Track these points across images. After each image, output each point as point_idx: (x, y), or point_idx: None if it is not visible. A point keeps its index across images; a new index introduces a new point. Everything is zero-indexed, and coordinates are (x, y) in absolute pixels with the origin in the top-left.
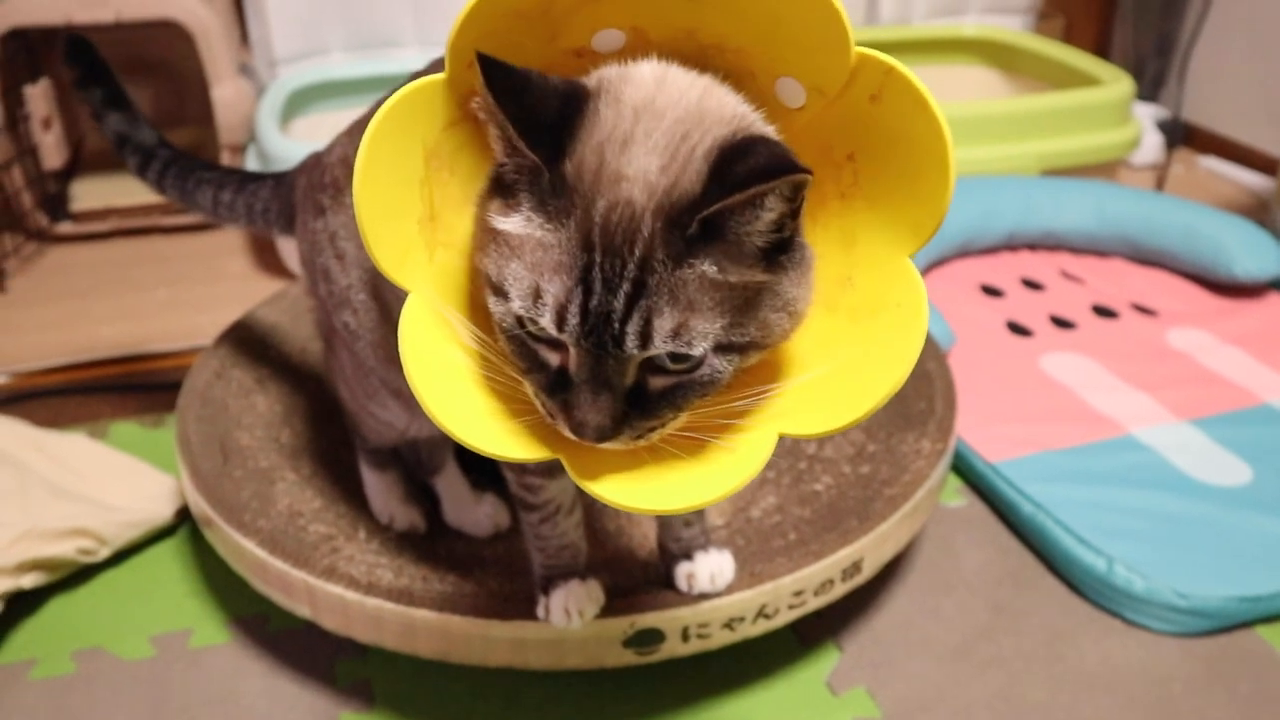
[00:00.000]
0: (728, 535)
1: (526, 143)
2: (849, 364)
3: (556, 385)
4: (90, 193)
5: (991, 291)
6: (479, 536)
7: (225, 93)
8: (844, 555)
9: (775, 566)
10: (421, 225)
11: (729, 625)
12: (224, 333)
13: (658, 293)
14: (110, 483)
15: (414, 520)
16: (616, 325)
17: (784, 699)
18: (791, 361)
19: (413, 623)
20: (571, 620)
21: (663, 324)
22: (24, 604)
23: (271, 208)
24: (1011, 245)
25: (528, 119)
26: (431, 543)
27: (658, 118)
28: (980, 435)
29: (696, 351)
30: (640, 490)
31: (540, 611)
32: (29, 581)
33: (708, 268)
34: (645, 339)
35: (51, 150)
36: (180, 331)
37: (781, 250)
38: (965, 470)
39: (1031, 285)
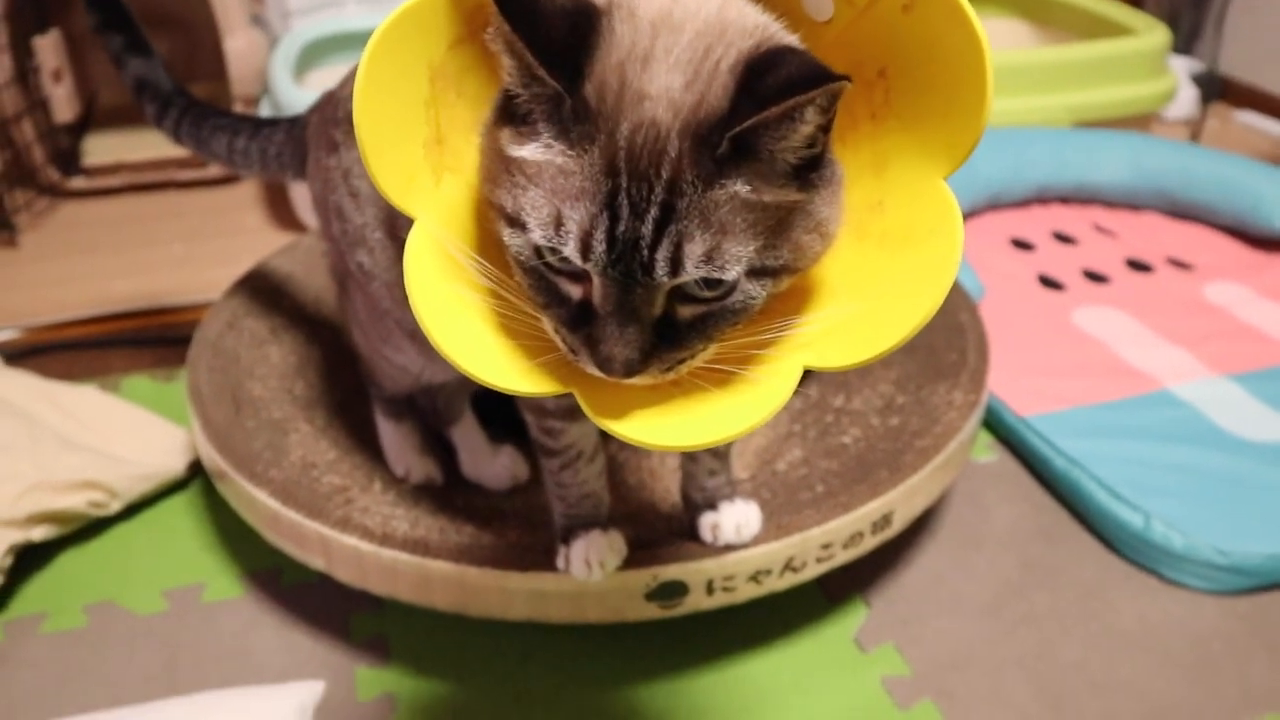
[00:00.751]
0: (753, 488)
1: (547, 70)
2: (878, 293)
3: (579, 319)
4: (103, 147)
5: (1022, 245)
6: (496, 489)
7: (238, 44)
8: (874, 508)
9: (803, 518)
10: (427, 149)
11: (755, 578)
12: (236, 283)
13: (688, 216)
14: (122, 435)
15: (430, 472)
16: (645, 252)
17: (811, 656)
18: (819, 289)
19: (429, 574)
20: (592, 571)
21: (694, 248)
22: (35, 557)
23: (285, 151)
24: (1043, 198)
25: (544, 44)
26: (449, 495)
27: (676, 32)
28: (1011, 389)
29: (729, 276)
30: (660, 426)
31: (560, 562)
32: (39, 534)
33: (740, 187)
34: (676, 265)
35: (62, 103)
36: (194, 286)
37: (813, 168)
38: (996, 425)
39: (1063, 239)
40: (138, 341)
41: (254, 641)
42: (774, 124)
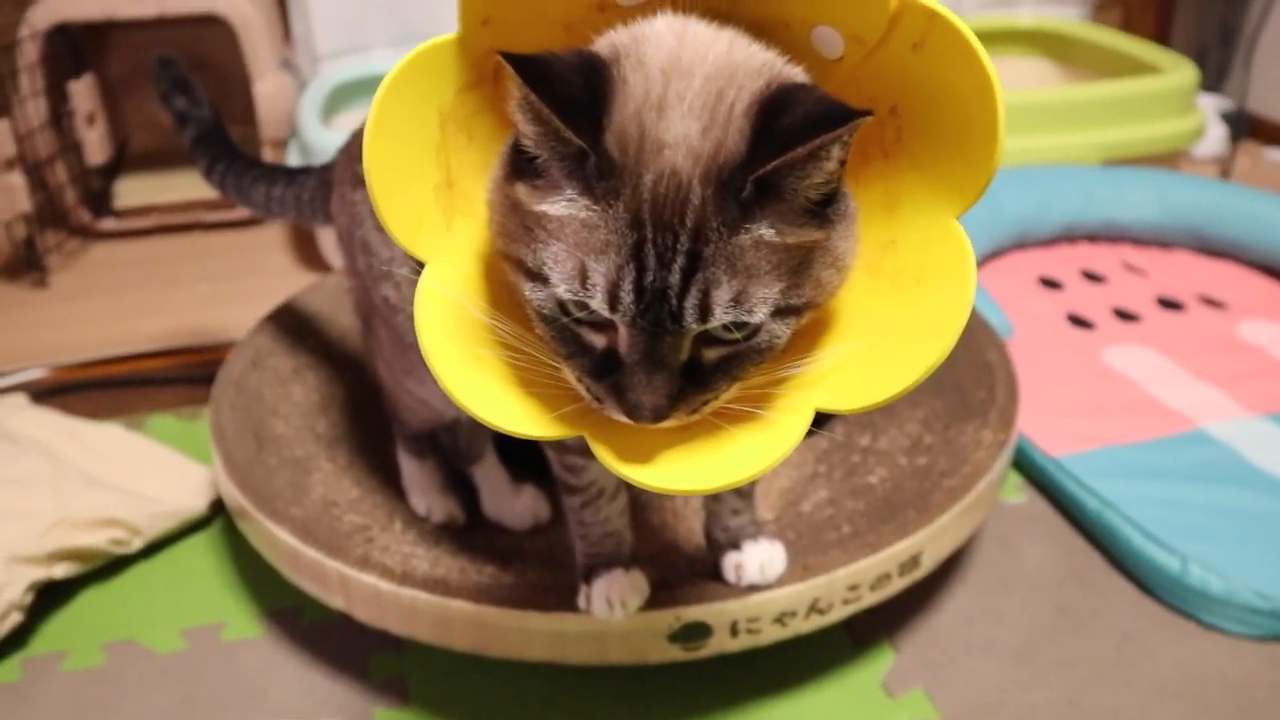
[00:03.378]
0: (778, 529)
1: (573, 130)
2: (891, 334)
3: (603, 368)
4: (134, 190)
5: (1050, 284)
6: (518, 529)
7: (267, 88)
8: (901, 548)
9: (829, 559)
10: (438, 192)
11: (780, 620)
12: (261, 321)
13: (714, 263)
14: (144, 473)
15: (452, 511)
16: (674, 301)
17: (838, 701)
18: (833, 325)
19: (448, 614)
20: (614, 611)
21: (721, 294)
22: (56, 594)
23: (317, 195)
24: (1070, 236)
25: (565, 104)
26: (469, 534)
27: (687, 77)
28: (1041, 429)
29: (756, 319)
30: (675, 470)
31: (581, 601)
32: (60, 571)
33: (764, 231)
34: (705, 312)
35: (95, 146)
36: (219, 325)
37: (829, 203)
38: (1026, 465)
39: (1092, 277)
40: (162, 380)
41: (272, 681)
42: (798, 164)
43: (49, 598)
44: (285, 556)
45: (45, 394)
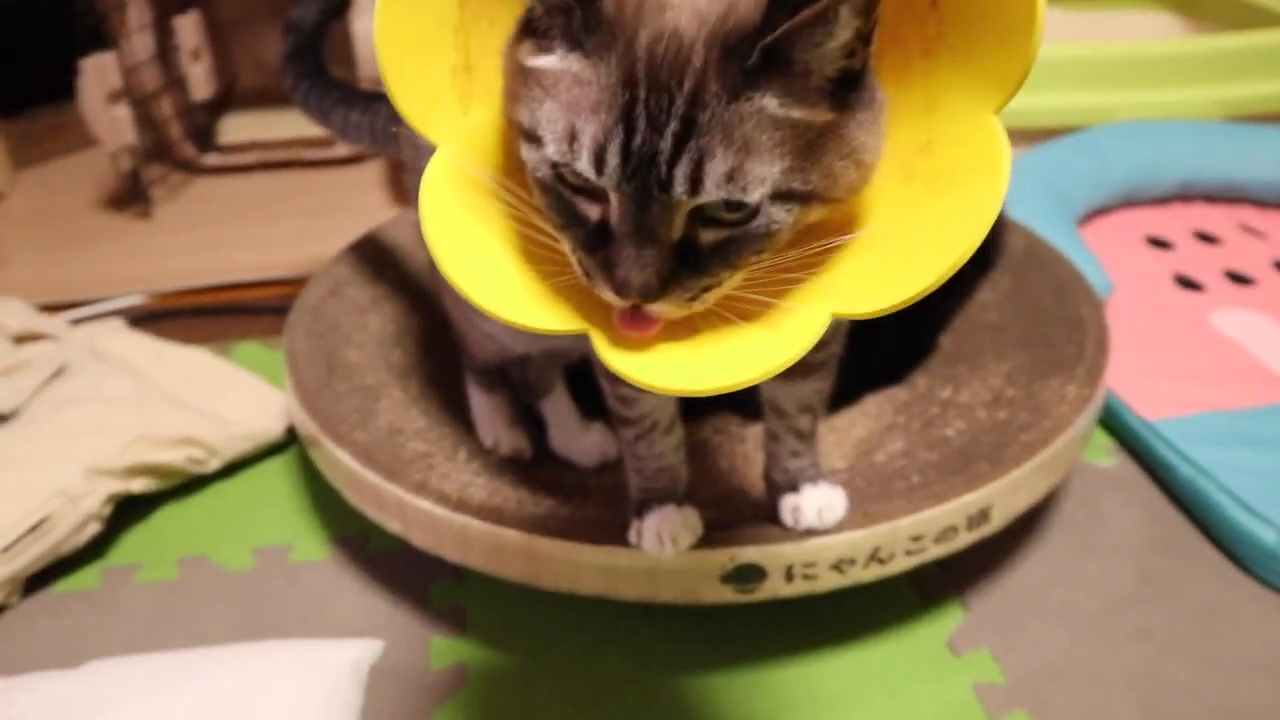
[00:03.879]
0: (849, 478)
1: None
2: (914, 235)
3: (596, 241)
4: (240, 127)
5: (1159, 243)
6: (585, 465)
7: (365, 25)
8: (969, 500)
9: (892, 507)
10: (455, 75)
11: (838, 567)
12: (342, 251)
13: (710, 131)
14: (226, 396)
15: (519, 444)
16: (664, 167)
17: (899, 655)
18: (861, 232)
19: (501, 542)
20: (664, 547)
21: (715, 166)
22: (135, 509)
23: (389, 124)
24: (1185, 195)
25: None
26: (534, 468)
27: None
28: (1136, 391)
29: (752, 198)
30: (669, 369)
31: (632, 535)
32: (139, 486)
33: (768, 102)
34: (696, 183)
35: (199, 82)
36: (312, 259)
37: (850, 86)
38: (1117, 428)
39: (1205, 238)
40: (251, 309)
41: (334, 603)
42: (807, 29)
43: (128, 511)
44: (347, 479)
45: (142, 319)
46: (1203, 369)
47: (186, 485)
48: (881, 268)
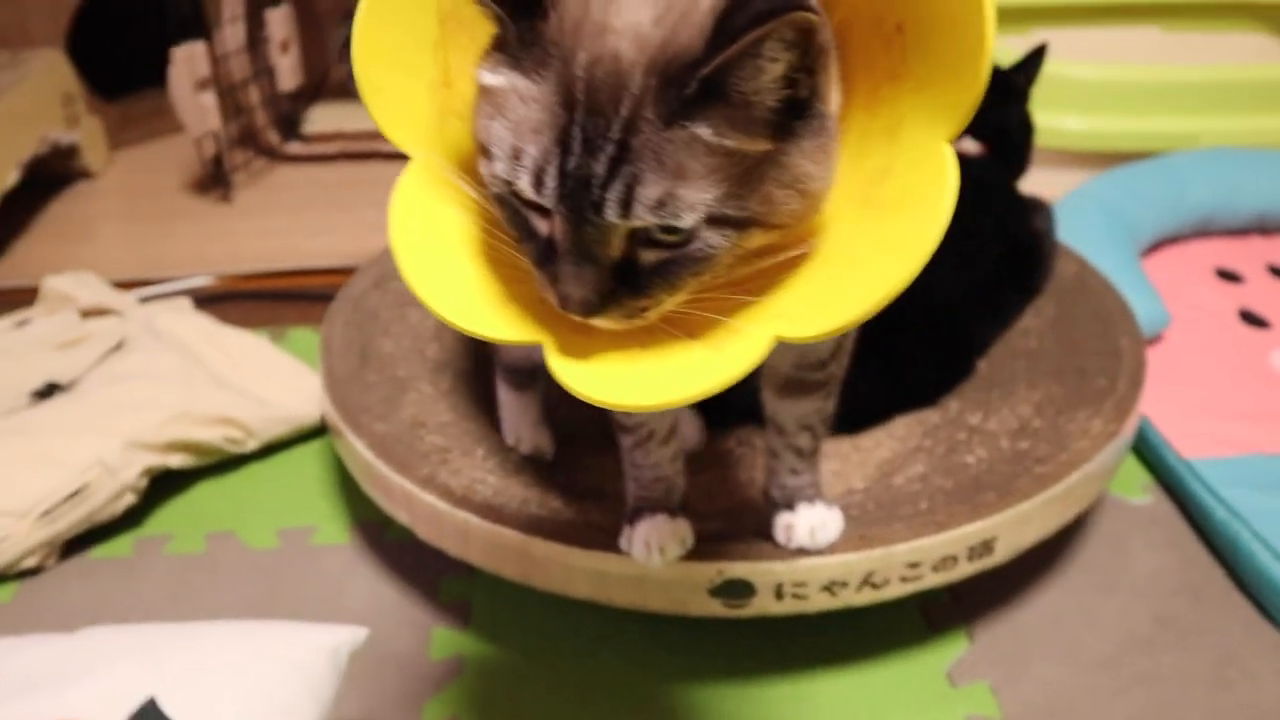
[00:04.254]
0: (863, 499)
1: None
2: (858, 261)
3: (546, 256)
4: (325, 117)
5: (1228, 276)
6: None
7: None
8: (971, 530)
9: (890, 532)
10: (433, 89)
11: (829, 589)
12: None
13: (642, 157)
14: (269, 379)
15: (540, 444)
16: (596, 191)
17: (894, 681)
18: (813, 259)
19: (499, 540)
20: (651, 556)
21: (647, 192)
22: (173, 483)
23: None
24: (1264, 228)
25: None
26: (554, 470)
27: None
28: (1180, 429)
29: (685, 223)
30: (611, 382)
31: (623, 542)
32: (176, 461)
33: (702, 130)
34: (627, 207)
35: (286, 72)
36: (379, 250)
37: (795, 114)
38: (1156, 465)
39: (1279, 273)
40: (311, 296)
41: (347, 587)
42: (739, 62)
43: (167, 485)
44: (361, 468)
45: (208, 300)
46: (1255, 409)
47: (224, 463)
48: (825, 292)
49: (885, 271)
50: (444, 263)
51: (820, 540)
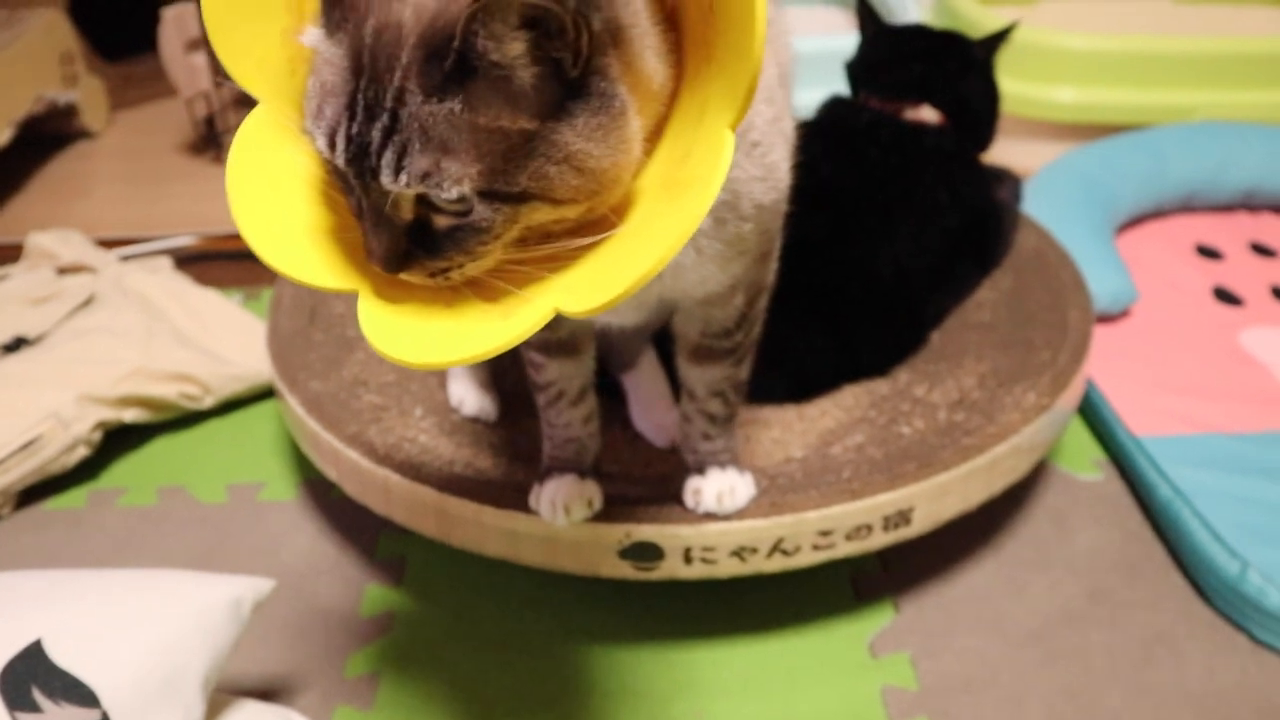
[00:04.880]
0: (796, 468)
1: None
2: (643, 240)
3: (359, 211)
4: None
5: (1208, 253)
6: (656, 444)
7: None
8: (885, 500)
9: (800, 499)
10: (285, 37)
11: (738, 554)
12: None
13: (408, 128)
14: (229, 338)
15: (485, 408)
16: (373, 157)
17: (814, 649)
18: (616, 235)
19: (416, 498)
20: (557, 514)
21: (415, 162)
22: (131, 437)
23: None
24: (1250, 204)
25: None
26: (491, 433)
27: None
28: (1136, 405)
29: (449, 195)
30: (405, 340)
31: (531, 499)
32: (130, 416)
33: (455, 106)
34: (398, 172)
35: None
36: None
37: (570, 93)
38: (1108, 441)
39: (1262, 250)
40: None
41: (288, 542)
42: (470, 39)
43: (124, 439)
44: (295, 424)
45: (188, 260)
46: (1216, 388)
47: (181, 419)
48: (606, 269)
49: (649, 251)
50: (277, 209)
51: (727, 506)
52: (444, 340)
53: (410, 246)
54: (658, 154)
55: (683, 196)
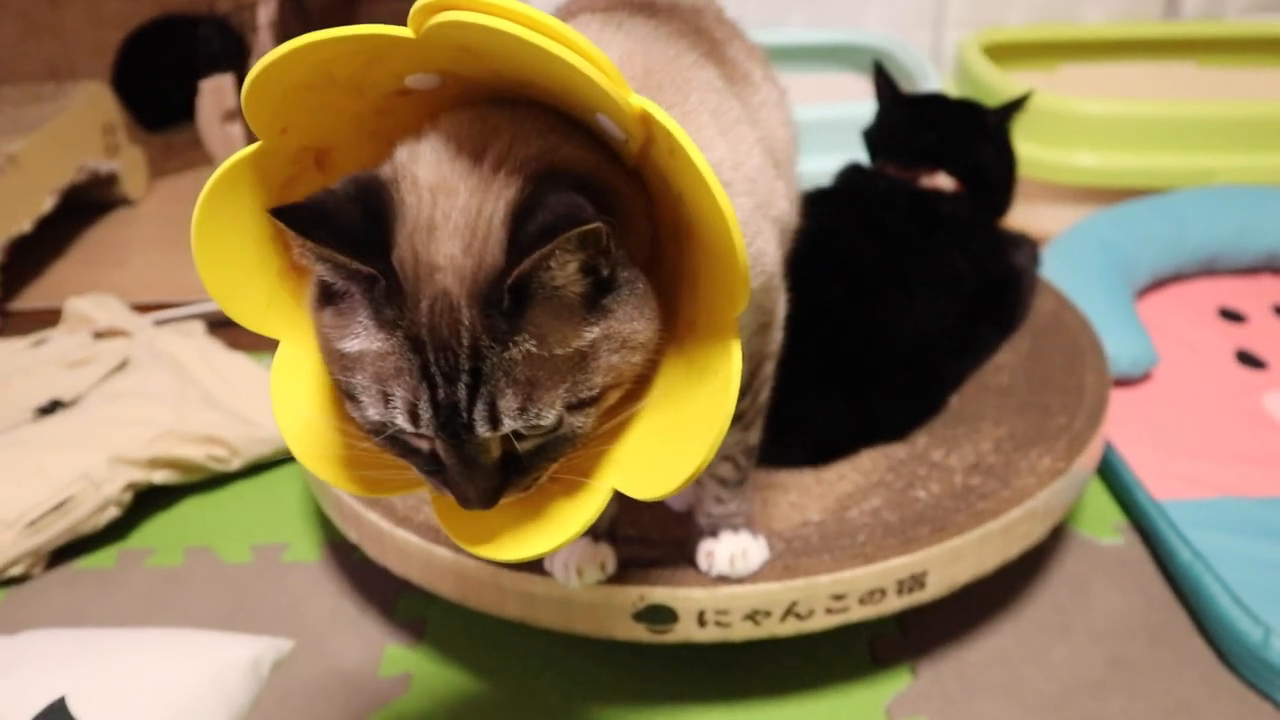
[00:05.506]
0: (812, 532)
1: (360, 261)
2: (680, 417)
3: (434, 467)
4: None
5: (1231, 316)
6: (675, 509)
7: None
8: (899, 564)
9: (814, 563)
10: (283, 276)
11: (752, 617)
12: None
13: (493, 377)
14: (257, 400)
15: None
16: (464, 414)
17: (831, 713)
18: (638, 393)
19: (434, 560)
20: (570, 577)
21: (507, 404)
22: (160, 499)
23: None
24: (1275, 266)
25: (348, 239)
26: None
27: (452, 195)
28: (1156, 469)
29: (547, 420)
30: (482, 534)
31: (545, 562)
32: (160, 478)
33: (529, 344)
34: (494, 422)
35: None
36: None
37: (605, 291)
38: (1129, 505)
39: None
40: None
41: (310, 603)
42: (534, 272)
43: (154, 500)
44: (318, 486)
45: (220, 324)
46: (1239, 451)
47: (209, 481)
48: (652, 448)
49: (691, 448)
50: (328, 438)
51: (740, 569)
52: (522, 532)
53: (504, 478)
54: None
55: (703, 381)
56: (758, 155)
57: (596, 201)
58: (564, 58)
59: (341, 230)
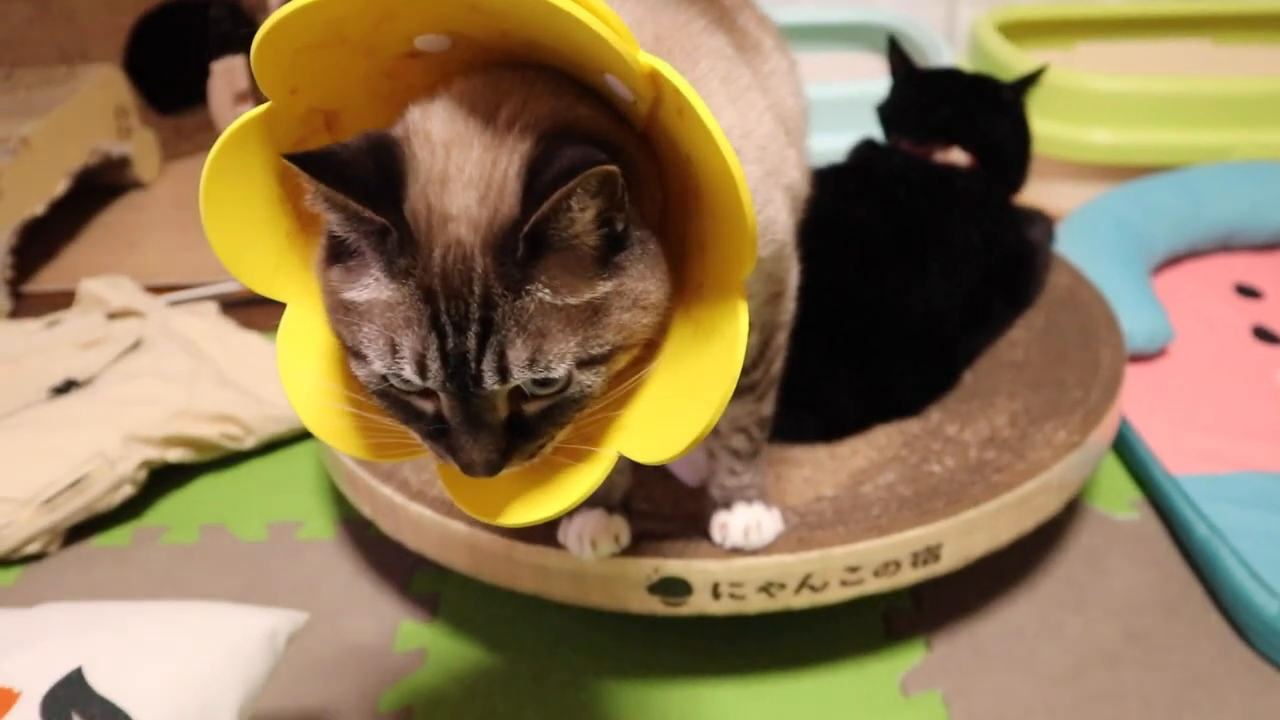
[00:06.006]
0: (827, 506)
1: (373, 209)
2: (681, 388)
3: (437, 431)
4: None
5: (1248, 292)
6: (689, 483)
7: None
8: (914, 536)
9: (828, 535)
10: (291, 239)
11: (766, 590)
12: None
13: (504, 326)
14: (270, 379)
15: None
16: (473, 364)
17: (844, 687)
18: (646, 357)
19: (448, 534)
20: (584, 548)
21: (516, 355)
22: (175, 477)
23: None
24: None
25: (360, 188)
26: None
27: (466, 149)
28: (1172, 444)
29: (557, 374)
30: (486, 499)
31: (560, 534)
32: (174, 456)
33: (542, 293)
34: (503, 373)
35: None
36: None
37: (617, 248)
38: (1144, 480)
39: None
40: None
41: (325, 580)
42: (553, 217)
43: (169, 478)
44: (332, 462)
45: (234, 304)
46: (1254, 426)
47: (223, 459)
48: (658, 412)
49: (698, 410)
50: (331, 401)
51: (754, 541)
52: (529, 498)
53: (510, 441)
54: None
55: (711, 345)
56: (768, 123)
57: (610, 159)
58: (573, 13)
59: (355, 179)
